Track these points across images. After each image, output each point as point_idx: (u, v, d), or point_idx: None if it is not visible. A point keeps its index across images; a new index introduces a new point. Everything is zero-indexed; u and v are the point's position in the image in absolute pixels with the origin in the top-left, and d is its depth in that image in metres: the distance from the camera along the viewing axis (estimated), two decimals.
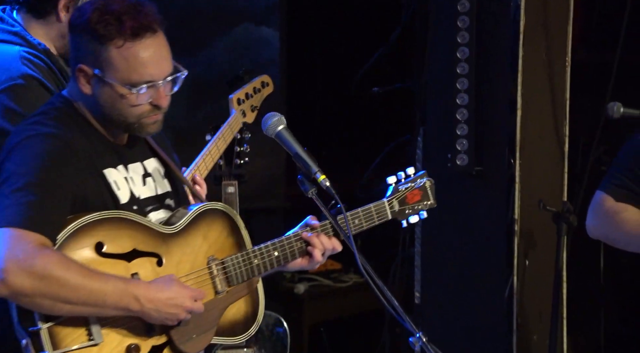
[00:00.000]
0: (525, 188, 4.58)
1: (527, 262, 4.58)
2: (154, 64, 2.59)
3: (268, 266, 2.77)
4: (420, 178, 3.05)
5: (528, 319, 4.58)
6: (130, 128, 2.65)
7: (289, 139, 2.76)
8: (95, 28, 2.56)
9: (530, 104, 4.58)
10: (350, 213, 2.89)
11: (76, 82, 2.62)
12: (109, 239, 2.54)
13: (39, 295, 2.42)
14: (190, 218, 2.69)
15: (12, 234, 2.43)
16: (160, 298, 2.52)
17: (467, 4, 4.55)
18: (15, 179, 2.49)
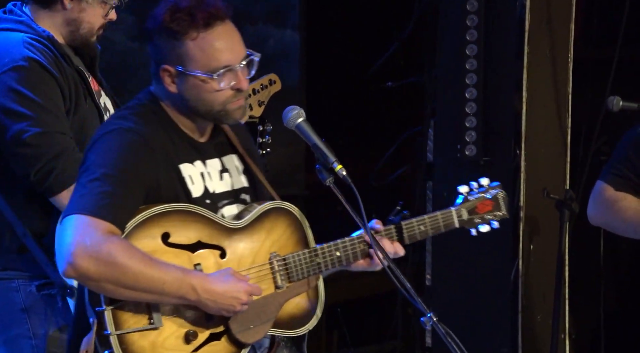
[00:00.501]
0: (530, 177, 4.59)
1: (531, 247, 4.60)
2: (229, 49, 2.62)
3: (329, 265, 2.74)
4: (493, 189, 2.97)
5: (532, 300, 4.59)
6: (217, 116, 2.67)
7: (308, 131, 2.76)
8: (170, 27, 2.60)
9: (535, 98, 4.60)
10: (416, 220, 2.87)
11: (161, 83, 2.66)
12: (175, 230, 2.56)
13: (103, 280, 2.47)
14: (256, 215, 2.69)
15: (83, 221, 2.47)
16: (217, 290, 2.54)
17: (476, 4, 4.57)
18: (93, 170, 2.54)
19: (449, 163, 4.70)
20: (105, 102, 3.26)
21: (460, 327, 4.22)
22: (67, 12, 3.12)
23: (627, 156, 3.47)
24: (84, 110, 3.12)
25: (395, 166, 5.50)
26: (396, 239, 2.84)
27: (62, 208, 3.00)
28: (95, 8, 3.13)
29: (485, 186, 2.98)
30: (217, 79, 2.62)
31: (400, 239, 2.84)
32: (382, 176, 5.38)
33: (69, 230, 2.49)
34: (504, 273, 4.57)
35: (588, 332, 4.99)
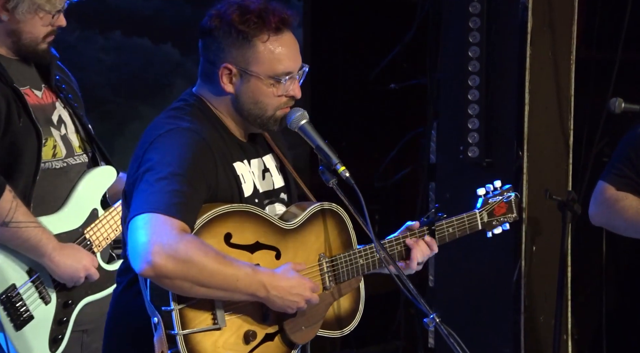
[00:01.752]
0: (532, 178, 4.59)
1: (534, 248, 4.59)
2: (293, 56, 2.65)
3: (371, 266, 2.76)
4: (507, 192, 3.02)
5: (535, 301, 4.59)
6: (265, 122, 2.67)
7: (311, 133, 2.76)
8: (240, 28, 2.59)
9: (537, 100, 4.59)
10: (445, 222, 2.90)
11: (214, 82, 2.65)
12: (237, 230, 2.57)
13: (181, 278, 2.45)
14: (307, 216, 2.70)
15: (158, 219, 2.45)
16: (284, 286, 2.55)
17: (478, 6, 4.57)
18: (160, 169, 2.52)
19: (451, 165, 4.70)
20: (60, 114, 3.20)
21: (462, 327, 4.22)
22: (6, 24, 3.08)
23: (628, 155, 3.48)
24: (16, 129, 3.06)
25: (398, 167, 5.50)
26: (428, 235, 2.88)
27: None
28: (32, 18, 3.07)
29: (500, 189, 3.01)
30: (281, 84, 2.63)
31: (431, 234, 2.89)
32: (385, 177, 5.37)
33: (143, 229, 2.46)
34: (507, 273, 4.57)
35: (590, 333, 4.98)
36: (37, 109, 3.14)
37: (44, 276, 3.10)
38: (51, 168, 3.14)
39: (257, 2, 2.64)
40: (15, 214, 3.01)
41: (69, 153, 3.19)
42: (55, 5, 3.07)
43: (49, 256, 3.05)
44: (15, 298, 3.06)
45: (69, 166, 3.18)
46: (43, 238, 3.05)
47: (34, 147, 3.08)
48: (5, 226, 3.00)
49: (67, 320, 3.13)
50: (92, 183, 3.21)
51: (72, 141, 3.21)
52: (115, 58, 5.13)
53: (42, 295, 3.10)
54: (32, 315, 3.08)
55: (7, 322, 3.04)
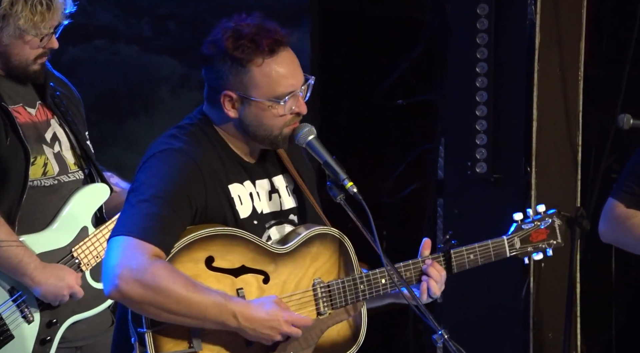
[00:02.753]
0: (541, 194, 4.57)
1: (542, 264, 4.57)
2: (292, 74, 2.63)
3: (374, 292, 2.70)
4: (549, 217, 2.91)
5: (543, 317, 4.57)
6: (274, 141, 2.65)
7: (319, 148, 2.74)
8: (234, 54, 2.58)
9: (546, 116, 4.58)
10: (466, 248, 2.82)
11: (218, 108, 2.64)
12: (219, 254, 2.54)
13: (146, 303, 2.46)
14: (301, 240, 2.66)
15: (130, 243, 2.46)
16: (257, 318, 2.51)
17: (486, 22, 4.56)
18: (142, 190, 2.53)
19: (459, 181, 4.69)
20: (55, 132, 3.18)
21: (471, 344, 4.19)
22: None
23: (636, 173, 3.46)
24: (3, 148, 3.05)
25: (406, 183, 5.48)
26: (444, 267, 2.80)
27: None
28: (18, 41, 3.06)
29: (542, 214, 2.91)
30: (282, 105, 2.60)
31: (448, 268, 2.80)
32: (393, 193, 5.36)
33: (115, 251, 2.48)
34: (515, 290, 4.55)
35: (599, 350, 4.95)
36: (28, 127, 3.13)
37: (27, 296, 3.08)
38: (40, 186, 3.12)
39: (251, 25, 2.62)
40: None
41: (62, 171, 3.18)
42: (40, 30, 3.05)
43: (30, 276, 3.03)
44: None
45: (61, 184, 3.16)
46: (24, 257, 3.03)
47: (21, 166, 3.07)
48: None
49: (51, 340, 3.11)
50: (83, 201, 3.19)
51: (66, 158, 3.20)
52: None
53: (25, 314, 3.07)
54: (12, 335, 3.06)
55: None
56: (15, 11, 3.01)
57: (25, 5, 3.02)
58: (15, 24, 3.02)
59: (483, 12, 4.58)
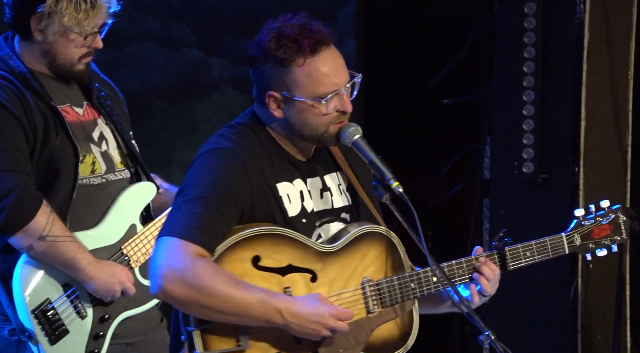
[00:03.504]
0: (589, 194, 4.51)
1: (590, 265, 4.52)
2: (335, 73, 2.63)
3: (425, 290, 2.68)
4: (612, 213, 2.84)
5: (592, 320, 4.51)
6: (321, 139, 2.65)
7: (365, 148, 2.72)
8: (276, 54, 2.59)
9: (594, 115, 4.53)
10: (522, 245, 2.78)
11: (265, 108, 2.65)
12: (266, 253, 2.55)
13: (191, 303, 2.48)
14: (350, 239, 2.65)
15: (174, 243, 2.48)
16: (302, 313, 2.51)
17: (534, 21, 4.52)
18: (188, 191, 2.55)
19: (505, 180, 4.65)
20: (102, 131, 3.21)
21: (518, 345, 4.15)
22: (41, 44, 3.09)
23: None
24: (54, 146, 3.07)
25: (451, 183, 5.45)
26: (498, 266, 2.77)
27: (20, 249, 3.03)
28: (63, 40, 3.07)
29: (605, 209, 2.85)
30: (325, 104, 2.61)
31: (502, 266, 2.78)
32: (439, 193, 5.33)
33: (160, 252, 2.50)
34: (563, 291, 4.50)
35: None
36: (77, 126, 3.16)
37: (80, 291, 3.10)
38: (89, 184, 3.14)
39: (295, 25, 2.62)
40: (52, 229, 3.02)
41: (109, 169, 3.20)
42: (84, 28, 3.06)
43: (84, 271, 3.05)
44: (50, 313, 3.06)
45: (108, 182, 3.18)
46: (78, 253, 3.05)
47: (71, 164, 3.09)
48: (42, 240, 3.01)
49: (103, 335, 3.13)
50: (131, 199, 3.21)
51: (113, 157, 3.22)
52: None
53: (78, 310, 3.10)
54: (68, 330, 3.08)
55: (42, 336, 3.05)
56: (60, 9, 3.03)
57: (70, 3, 3.04)
58: (60, 22, 3.04)
59: (531, 10, 4.54)
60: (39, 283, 3.07)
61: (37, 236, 3.01)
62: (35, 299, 3.06)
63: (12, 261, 3.05)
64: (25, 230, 3.00)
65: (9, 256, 3.06)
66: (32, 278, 3.07)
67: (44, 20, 3.05)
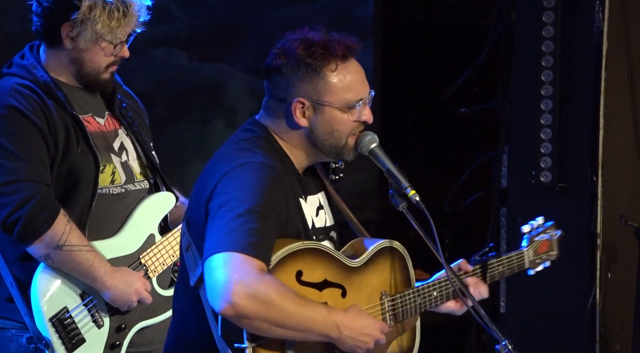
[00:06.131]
0: (607, 203, 4.49)
1: (609, 275, 4.49)
2: (362, 82, 2.65)
3: (427, 305, 2.76)
4: (550, 229, 3.03)
5: (610, 329, 4.48)
6: (341, 150, 2.66)
7: (381, 156, 2.74)
8: (308, 61, 2.59)
9: (613, 124, 4.50)
10: (496, 260, 2.90)
11: (282, 119, 2.64)
12: (307, 268, 2.56)
13: (260, 318, 2.45)
14: (371, 254, 2.69)
15: (237, 258, 2.43)
16: (355, 326, 2.53)
17: (552, 29, 4.50)
18: (237, 205, 2.49)
19: (523, 190, 4.63)
20: (122, 141, 3.22)
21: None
22: (70, 52, 3.10)
23: None
24: (75, 156, 3.08)
25: (469, 192, 5.43)
26: (480, 279, 2.86)
27: (38, 258, 3.04)
28: (94, 47, 3.09)
29: (543, 226, 3.03)
30: (354, 110, 2.62)
31: (483, 279, 2.87)
32: (456, 201, 5.31)
33: (224, 268, 2.43)
34: (581, 301, 4.47)
35: None
36: (98, 136, 3.17)
37: (97, 300, 3.11)
38: (108, 194, 3.15)
39: (319, 34, 2.63)
40: (69, 238, 3.03)
41: (128, 179, 3.21)
42: (116, 36, 3.09)
43: (101, 280, 3.06)
44: (67, 321, 3.07)
45: (128, 192, 3.19)
46: (95, 262, 3.06)
47: (92, 173, 3.10)
48: (59, 249, 3.02)
49: (119, 345, 3.13)
50: (150, 209, 3.21)
51: (133, 167, 3.23)
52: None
53: (95, 319, 3.10)
54: (84, 338, 3.08)
55: (59, 345, 3.05)
56: (94, 16, 3.05)
57: (103, 11, 3.06)
58: (93, 29, 3.06)
59: (549, 19, 4.52)
60: (57, 292, 3.08)
61: (53, 246, 3.02)
62: (53, 308, 3.07)
63: (30, 270, 3.06)
64: (42, 239, 3.01)
65: (27, 265, 3.07)
66: (50, 287, 3.08)
67: (76, 28, 3.07)
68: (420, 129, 5.88)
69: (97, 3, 3.05)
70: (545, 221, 3.01)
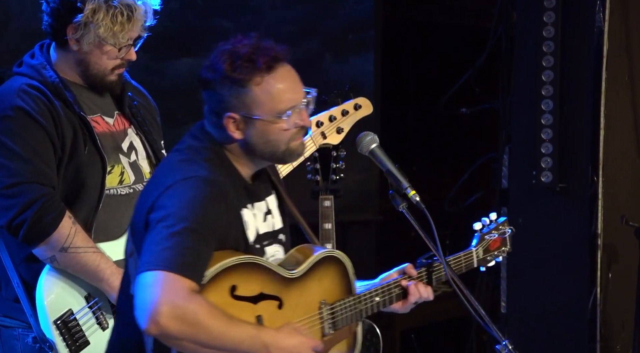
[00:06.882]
0: (608, 203, 4.48)
1: (609, 275, 4.48)
2: (292, 89, 2.64)
3: (369, 311, 2.78)
4: (502, 226, 3.04)
5: (611, 329, 4.48)
6: (281, 156, 2.66)
7: (382, 157, 2.75)
8: (232, 75, 2.59)
9: (613, 125, 4.50)
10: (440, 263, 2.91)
11: (223, 131, 2.64)
12: (242, 282, 2.56)
13: (186, 339, 2.44)
14: (311, 264, 2.70)
15: (169, 278, 2.43)
16: (286, 346, 2.54)
17: (552, 30, 4.49)
18: (175, 222, 2.49)
19: (524, 190, 4.63)
20: (132, 141, 3.21)
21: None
22: (76, 54, 3.09)
23: None
24: (81, 157, 3.07)
25: (469, 192, 5.43)
26: (426, 282, 2.88)
27: (44, 260, 3.03)
28: (97, 50, 3.08)
29: (495, 223, 3.04)
30: (285, 119, 2.62)
31: (429, 282, 2.89)
32: (456, 202, 5.31)
33: (154, 287, 2.43)
34: (582, 301, 4.47)
35: None
36: (106, 136, 3.16)
37: (102, 302, 3.11)
38: (116, 195, 3.15)
39: (247, 44, 2.63)
40: (74, 240, 3.02)
41: (137, 179, 3.20)
42: (119, 40, 3.08)
43: (107, 281, 3.06)
44: (72, 323, 3.06)
45: (136, 192, 3.18)
46: (101, 263, 3.05)
47: (98, 175, 3.09)
48: (64, 251, 3.02)
49: None
50: None
51: (142, 167, 3.23)
52: None
53: (100, 321, 3.10)
54: (88, 341, 3.08)
55: (63, 347, 3.05)
56: (97, 19, 3.04)
57: (107, 15, 3.05)
58: (95, 32, 3.05)
59: (550, 19, 4.52)
60: (62, 294, 3.08)
61: (59, 248, 3.02)
62: (57, 310, 3.07)
63: (36, 271, 3.06)
64: (47, 241, 3.01)
65: (34, 266, 3.07)
66: (55, 288, 3.08)
67: (80, 30, 3.06)
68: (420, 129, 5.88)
69: (100, 6, 3.04)
70: (498, 217, 3.03)
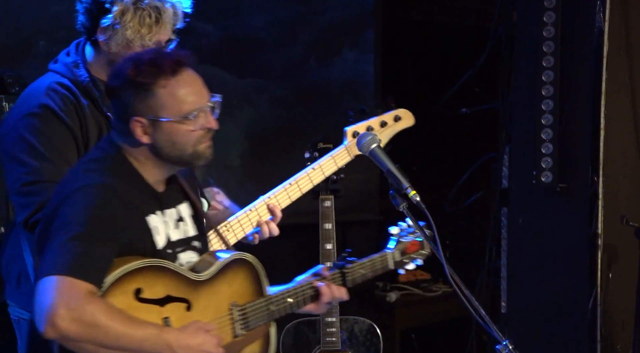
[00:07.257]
0: (608, 203, 4.48)
1: (610, 275, 4.48)
2: (197, 92, 2.70)
3: (282, 311, 2.87)
4: (420, 229, 3.03)
5: (611, 329, 4.48)
6: (189, 159, 2.72)
7: (382, 157, 2.77)
8: (137, 80, 2.65)
9: (614, 125, 4.49)
10: (358, 264, 3.03)
11: (129, 136, 2.69)
12: (147, 285, 2.61)
13: (84, 340, 2.49)
14: (220, 267, 2.76)
15: (65, 282, 2.49)
16: (191, 344, 2.59)
17: (552, 30, 4.49)
18: (70, 228, 2.56)
19: (524, 190, 4.63)
20: None
21: None
22: (106, 53, 3.11)
23: None
24: None
25: (469, 192, 5.43)
26: (340, 283, 3.00)
27: None
28: (126, 52, 3.07)
29: (413, 227, 3.16)
30: (192, 120, 2.67)
31: (343, 283, 3.01)
32: (457, 202, 5.31)
33: (51, 291, 2.49)
34: (582, 301, 4.47)
35: None
36: None
37: None
38: None
39: (151, 52, 2.73)
40: None
41: None
42: (146, 43, 3.08)
43: None
44: None
45: None
46: None
47: None
48: None
49: None
50: None
51: None
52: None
53: None
54: None
55: None
56: (124, 21, 3.05)
57: (135, 16, 3.05)
58: (123, 34, 3.06)
59: (550, 19, 4.51)
60: None
61: None
62: None
63: None
64: None
65: None
66: None
67: (108, 31, 3.07)
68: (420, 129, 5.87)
69: (128, 8, 3.05)
70: (417, 221, 3.03)
